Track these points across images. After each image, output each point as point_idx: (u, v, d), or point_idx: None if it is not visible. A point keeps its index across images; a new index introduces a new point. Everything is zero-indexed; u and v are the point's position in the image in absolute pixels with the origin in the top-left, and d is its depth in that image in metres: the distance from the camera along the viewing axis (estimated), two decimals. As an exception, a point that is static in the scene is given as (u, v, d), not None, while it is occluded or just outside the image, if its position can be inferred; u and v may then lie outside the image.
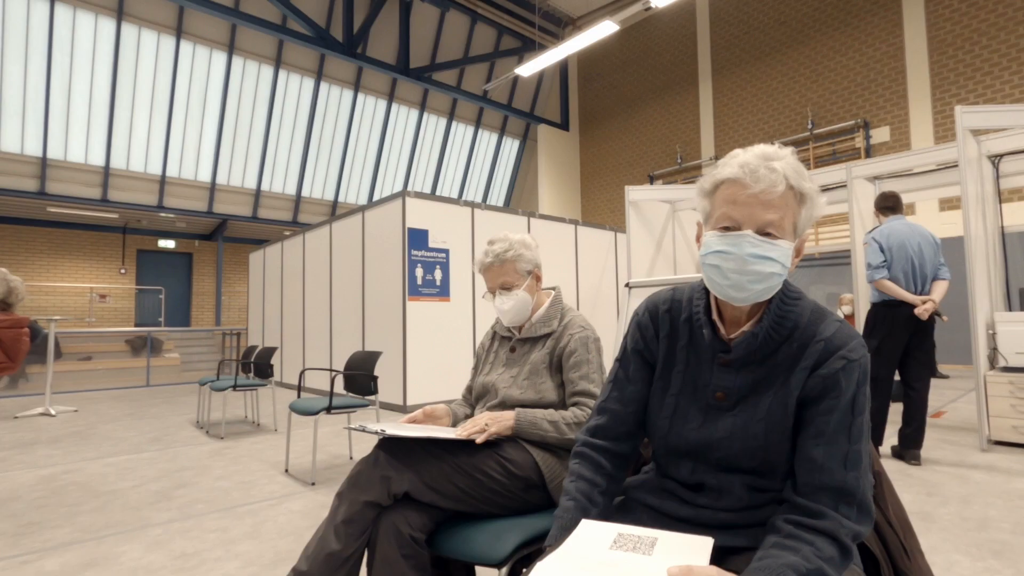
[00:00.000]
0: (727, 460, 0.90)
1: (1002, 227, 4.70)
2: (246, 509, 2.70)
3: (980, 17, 8.55)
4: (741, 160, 0.87)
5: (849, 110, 9.87)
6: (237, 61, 10.76)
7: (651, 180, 12.97)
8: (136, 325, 12.58)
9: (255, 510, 2.69)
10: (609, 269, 8.22)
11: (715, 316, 0.95)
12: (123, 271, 12.68)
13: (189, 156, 11.03)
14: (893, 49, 9.38)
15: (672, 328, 1.00)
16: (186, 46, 10.19)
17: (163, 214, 11.25)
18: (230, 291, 14.22)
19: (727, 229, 0.86)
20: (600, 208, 14.34)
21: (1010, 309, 4.85)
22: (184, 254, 13.64)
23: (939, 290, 3.35)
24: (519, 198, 16.07)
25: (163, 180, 10.83)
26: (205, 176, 11.35)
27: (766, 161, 0.85)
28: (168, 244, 13.24)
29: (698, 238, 0.94)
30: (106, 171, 10.21)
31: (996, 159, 4.69)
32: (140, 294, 12.90)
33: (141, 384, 8.64)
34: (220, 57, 10.59)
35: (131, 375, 9.67)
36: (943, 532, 2.23)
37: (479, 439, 1.27)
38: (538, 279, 1.58)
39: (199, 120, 10.82)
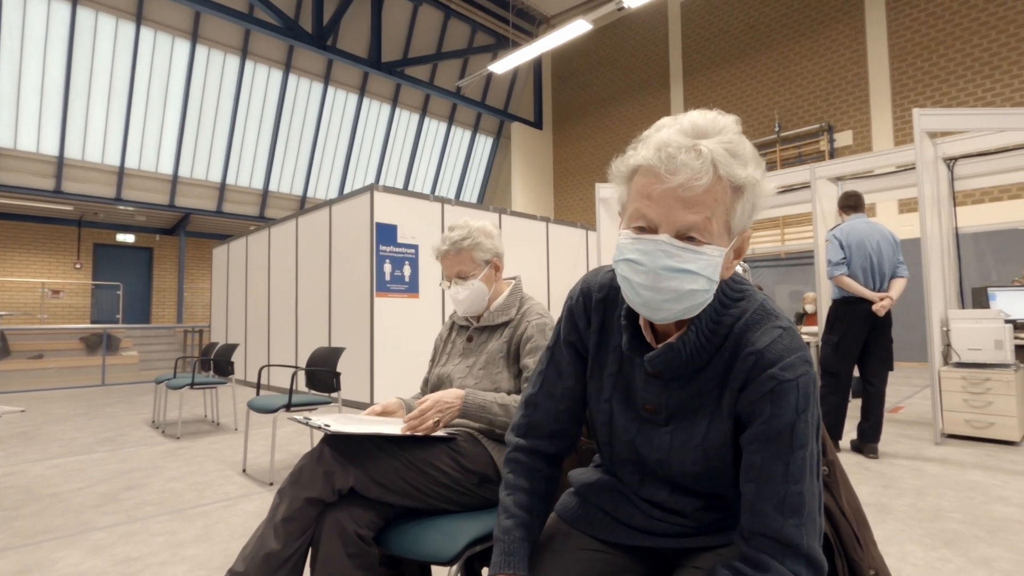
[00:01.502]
0: (672, 480, 0.82)
1: (956, 228, 4.86)
2: (198, 511, 2.59)
3: (938, 27, 8.85)
4: (661, 140, 0.67)
5: (814, 114, 10.11)
6: (201, 50, 10.41)
7: (623, 180, 13.04)
8: (92, 322, 12.07)
9: (207, 512, 2.58)
10: (580, 266, 8.24)
11: (642, 320, 0.80)
12: (78, 266, 12.17)
13: (150, 147, 10.63)
14: (856, 55, 9.64)
15: (605, 321, 0.86)
16: (146, 32, 9.81)
17: (121, 207, 10.82)
18: (193, 287, 13.78)
19: (642, 230, 0.69)
20: (573, 206, 14.39)
21: (963, 307, 5.02)
22: (144, 249, 13.16)
23: (897, 287, 3.42)
24: (492, 195, 16.00)
25: (121, 172, 10.41)
26: (167, 168, 10.96)
27: (693, 140, 0.66)
28: (127, 238, 12.75)
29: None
30: (60, 161, 9.76)
31: (951, 162, 4.85)
32: (97, 290, 12.39)
33: (96, 383, 8.28)
34: (183, 45, 10.23)
35: (86, 374, 9.27)
36: (898, 523, 2.28)
37: (421, 432, 1.21)
38: (498, 269, 1.53)
39: (160, 110, 10.43)
